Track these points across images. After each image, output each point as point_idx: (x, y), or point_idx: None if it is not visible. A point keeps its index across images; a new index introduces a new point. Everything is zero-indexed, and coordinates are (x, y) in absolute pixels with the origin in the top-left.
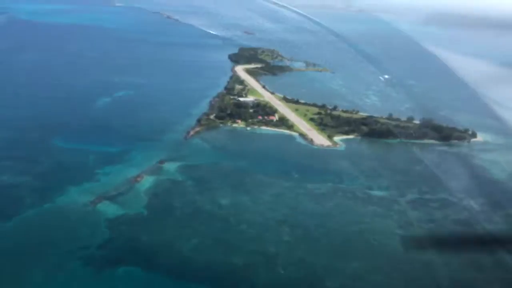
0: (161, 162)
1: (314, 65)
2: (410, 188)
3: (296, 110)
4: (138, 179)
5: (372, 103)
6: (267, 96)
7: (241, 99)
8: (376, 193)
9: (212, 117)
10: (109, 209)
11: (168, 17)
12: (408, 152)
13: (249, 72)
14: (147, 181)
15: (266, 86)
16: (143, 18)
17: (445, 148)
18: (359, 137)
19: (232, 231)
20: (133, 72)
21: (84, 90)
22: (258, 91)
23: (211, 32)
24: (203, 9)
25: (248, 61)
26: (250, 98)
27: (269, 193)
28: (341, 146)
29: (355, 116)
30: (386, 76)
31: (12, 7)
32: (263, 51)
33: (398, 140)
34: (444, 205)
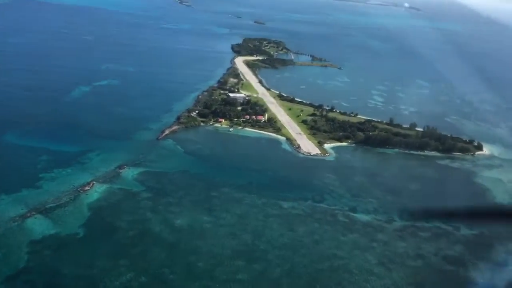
0: (121, 167)
1: (321, 59)
2: (401, 211)
3: (290, 109)
4: (87, 188)
5: (374, 105)
6: (261, 92)
7: (232, 94)
8: (361, 217)
9: (194, 114)
10: (39, 226)
11: (181, 2)
12: (404, 166)
13: (249, 64)
14: (96, 191)
15: (263, 81)
16: (154, 2)
17: (446, 161)
18: (353, 145)
19: (177, 264)
20: (125, 59)
21: (64, 77)
22: (253, 86)
23: (221, 20)
24: None
25: (251, 53)
26: (241, 94)
27: (235, 213)
28: (331, 155)
29: (353, 119)
30: None
31: None
32: (268, 42)
33: (396, 150)
34: (436, 235)
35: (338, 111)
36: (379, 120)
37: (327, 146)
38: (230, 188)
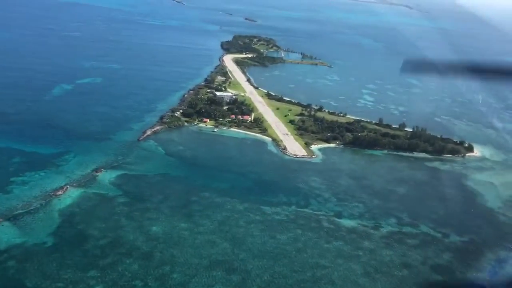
0: (98, 170)
1: (311, 57)
2: (388, 216)
3: (277, 109)
4: (60, 192)
5: (364, 105)
6: (249, 91)
7: (218, 93)
8: (346, 222)
9: (178, 114)
10: (5, 235)
11: None
12: (393, 168)
13: (238, 62)
14: (69, 196)
15: (251, 79)
16: None
17: (435, 164)
18: (341, 146)
19: (150, 275)
20: (110, 56)
21: (46, 75)
22: (241, 84)
23: (212, 16)
24: None
25: (240, 50)
26: (228, 93)
27: (215, 219)
28: (318, 157)
29: (341, 119)
30: None
31: None
32: (258, 40)
33: (384, 151)
34: (424, 242)
35: (326, 110)
36: (368, 120)
37: (314, 147)
38: (212, 192)
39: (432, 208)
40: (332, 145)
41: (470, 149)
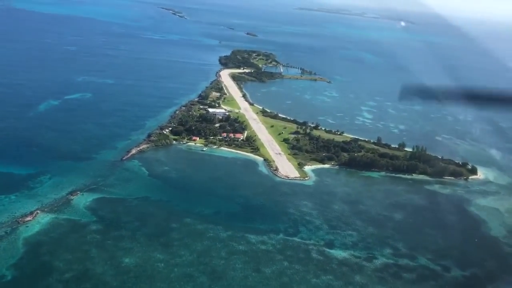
0: (73, 193)
1: (311, 73)
2: (383, 247)
3: (272, 126)
4: (28, 218)
5: (362, 123)
6: (243, 108)
7: (211, 110)
8: (337, 253)
9: (166, 131)
10: None
11: (175, 13)
12: (390, 191)
13: (235, 77)
14: (38, 222)
15: (247, 95)
16: (148, 13)
17: (435, 187)
18: (336, 167)
19: None
20: (104, 71)
21: (34, 90)
22: (236, 100)
23: (213, 31)
24: (221, 7)
25: (238, 65)
26: (221, 110)
27: (195, 249)
28: (311, 179)
29: (338, 138)
30: None
31: None
32: (258, 55)
33: (382, 173)
34: (422, 277)
35: (323, 128)
36: (366, 139)
37: (307, 168)
38: (194, 218)
39: (431, 237)
40: (326, 165)
41: (473, 171)
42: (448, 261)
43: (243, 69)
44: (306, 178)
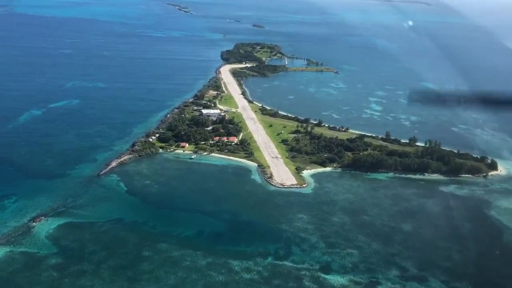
0: (37, 219)
1: (317, 63)
2: (389, 267)
3: (270, 126)
4: None
5: (370, 116)
6: (241, 106)
7: (205, 111)
8: (334, 280)
9: (153, 139)
10: None
11: (181, 8)
12: (398, 196)
13: (235, 73)
14: None
15: (247, 92)
16: (153, 10)
17: (451, 188)
18: (338, 170)
19: None
20: (97, 74)
21: (18, 99)
22: (234, 98)
23: (218, 25)
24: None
25: (240, 60)
26: (215, 110)
27: (167, 283)
28: (309, 186)
29: (342, 135)
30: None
31: None
32: (262, 47)
33: (390, 174)
34: None
35: (326, 125)
36: (374, 135)
37: (306, 173)
38: (171, 242)
39: (445, 251)
40: (328, 169)
41: (493, 166)
42: (464, 282)
43: (245, 64)
44: (304, 185)
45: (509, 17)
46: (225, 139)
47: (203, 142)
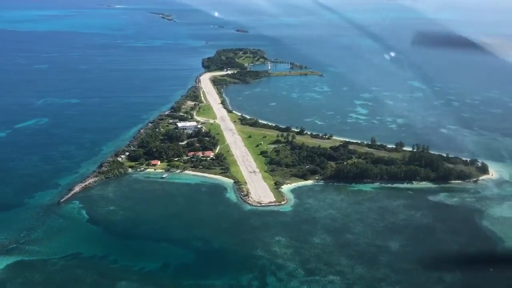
0: None
1: (301, 67)
2: None
3: (249, 137)
4: None
5: (355, 121)
6: (220, 116)
7: (181, 124)
8: None
9: (123, 157)
10: None
11: (164, 16)
12: (385, 210)
13: (215, 81)
14: None
15: (227, 101)
16: (135, 20)
17: (441, 196)
18: (321, 182)
19: None
20: (72, 89)
21: None
22: (213, 108)
23: (201, 31)
24: (214, 5)
25: (221, 67)
26: (192, 123)
27: None
28: (288, 203)
29: (325, 143)
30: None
31: None
32: (244, 52)
33: (376, 184)
34: None
35: (309, 133)
36: (359, 141)
37: (286, 188)
38: (132, 279)
39: (435, 272)
40: (309, 182)
41: (484, 170)
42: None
43: (226, 71)
44: (282, 203)
45: None
46: (200, 154)
47: (176, 159)
